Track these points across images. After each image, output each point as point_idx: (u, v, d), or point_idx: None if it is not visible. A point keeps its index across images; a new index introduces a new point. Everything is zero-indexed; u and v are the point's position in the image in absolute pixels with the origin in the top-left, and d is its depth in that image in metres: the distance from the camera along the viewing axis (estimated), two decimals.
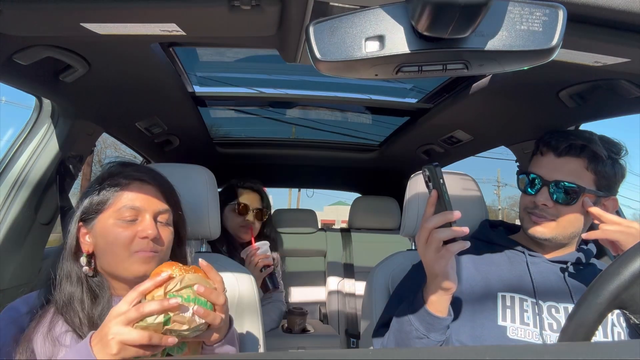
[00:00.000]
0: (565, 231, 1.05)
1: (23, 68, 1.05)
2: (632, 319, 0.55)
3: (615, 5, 0.67)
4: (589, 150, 1.02)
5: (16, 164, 1.36)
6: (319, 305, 2.53)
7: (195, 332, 0.74)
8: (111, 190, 0.89)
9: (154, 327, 0.69)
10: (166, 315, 0.70)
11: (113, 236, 0.86)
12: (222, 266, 1.21)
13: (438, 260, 0.86)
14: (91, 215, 0.89)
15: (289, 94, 1.92)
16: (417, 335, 0.93)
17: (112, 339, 0.67)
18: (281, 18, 0.82)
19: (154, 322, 0.68)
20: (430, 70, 0.61)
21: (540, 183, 1.05)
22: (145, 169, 0.96)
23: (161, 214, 0.91)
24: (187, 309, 0.72)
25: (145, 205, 0.89)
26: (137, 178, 0.91)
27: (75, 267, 0.89)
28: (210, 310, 0.75)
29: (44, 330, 0.84)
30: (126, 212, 0.87)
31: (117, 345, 0.67)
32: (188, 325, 0.71)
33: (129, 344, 0.67)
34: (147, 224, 0.87)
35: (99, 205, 0.88)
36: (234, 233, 1.99)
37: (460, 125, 1.78)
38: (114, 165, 0.95)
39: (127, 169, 0.93)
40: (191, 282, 0.76)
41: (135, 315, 0.68)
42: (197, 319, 0.73)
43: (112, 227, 0.86)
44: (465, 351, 0.39)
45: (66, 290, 0.86)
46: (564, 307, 1.02)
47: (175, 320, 0.70)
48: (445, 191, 0.84)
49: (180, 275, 0.76)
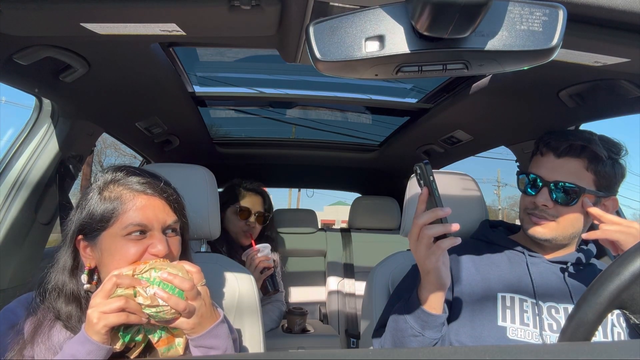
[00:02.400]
0: (565, 232, 1.05)
1: (23, 68, 1.05)
2: (632, 319, 0.55)
3: (615, 5, 0.67)
4: (589, 151, 1.02)
5: (16, 164, 1.36)
6: (319, 305, 2.53)
7: (162, 315, 0.78)
8: (115, 204, 0.84)
9: (124, 295, 0.76)
10: (134, 289, 0.76)
11: (121, 253, 0.83)
12: (222, 266, 1.21)
13: (429, 257, 0.87)
14: (95, 231, 0.84)
15: (289, 94, 1.92)
16: (412, 333, 0.93)
17: (92, 311, 0.74)
18: (281, 18, 0.82)
19: (123, 292, 0.76)
20: (430, 70, 0.61)
21: (540, 183, 1.05)
22: (149, 177, 0.90)
23: (169, 226, 0.88)
24: (151, 289, 0.77)
25: (153, 221, 0.85)
26: (143, 191, 0.86)
27: (71, 283, 0.85)
28: (173, 295, 0.77)
29: (44, 336, 0.83)
30: (134, 228, 0.83)
31: (97, 315, 0.74)
32: (150, 302, 0.76)
33: (107, 312, 0.74)
34: (157, 241, 0.84)
35: (103, 222, 0.84)
36: (235, 235, 1.98)
37: (460, 125, 1.78)
38: (114, 172, 0.90)
39: (130, 180, 0.88)
40: (160, 267, 0.79)
41: (109, 285, 0.75)
42: (159, 300, 0.76)
43: (121, 245, 0.83)
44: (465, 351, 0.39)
45: (63, 306, 0.84)
46: (563, 308, 1.02)
47: (140, 294, 0.76)
48: (436, 188, 0.85)
49: (155, 261, 0.81)
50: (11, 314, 0.85)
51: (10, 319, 0.84)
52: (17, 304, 0.88)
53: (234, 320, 1.14)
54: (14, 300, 0.89)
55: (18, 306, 0.87)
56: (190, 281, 0.80)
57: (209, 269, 1.18)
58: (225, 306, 1.14)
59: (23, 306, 0.86)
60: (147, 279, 0.77)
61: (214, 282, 1.16)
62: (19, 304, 0.87)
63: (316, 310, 2.50)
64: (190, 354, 0.84)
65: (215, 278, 1.17)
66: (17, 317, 0.84)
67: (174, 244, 0.89)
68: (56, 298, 0.85)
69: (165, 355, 0.83)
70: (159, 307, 0.76)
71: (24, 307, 0.86)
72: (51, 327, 0.84)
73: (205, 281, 0.85)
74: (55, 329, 0.84)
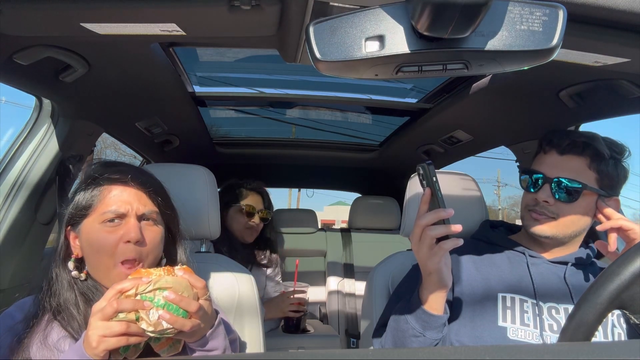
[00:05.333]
0: (566, 229, 1.05)
1: (23, 68, 1.05)
2: (632, 319, 0.55)
3: (615, 5, 0.67)
4: (592, 149, 1.02)
5: (16, 164, 1.36)
6: (319, 305, 2.53)
7: (165, 335, 0.75)
8: (95, 193, 0.88)
9: (126, 320, 0.73)
10: (136, 313, 0.73)
11: (98, 242, 0.85)
12: (222, 266, 1.21)
13: (431, 258, 0.87)
14: (77, 219, 0.88)
15: (289, 94, 1.92)
16: (414, 334, 0.93)
17: (92, 333, 0.72)
18: (281, 18, 0.82)
19: (125, 317, 0.72)
20: (430, 70, 0.62)
21: (542, 180, 1.05)
22: (127, 169, 0.93)
23: (146, 214, 0.89)
24: (155, 312, 0.73)
25: (128, 208, 0.87)
26: (118, 180, 0.89)
27: (63, 272, 0.88)
28: (179, 317, 0.74)
29: (40, 337, 0.83)
30: (109, 215, 0.86)
31: (97, 338, 0.71)
32: (154, 328, 0.73)
33: (107, 336, 0.72)
34: (130, 227, 0.86)
35: (84, 210, 0.87)
36: (239, 235, 1.99)
37: (460, 125, 1.78)
38: (97, 165, 0.93)
39: (108, 170, 0.91)
40: (165, 286, 0.75)
41: (109, 310, 0.72)
42: (163, 323, 0.73)
43: (97, 232, 0.86)
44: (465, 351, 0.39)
45: (60, 295, 0.86)
46: (564, 308, 1.02)
47: (142, 319, 0.73)
48: (439, 189, 0.85)
49: (159, 276, 0.76)
50: (9, 318, 0.86)
51: (8, 322, 0.85)
52: (15, 307, 0.89)
53: (234, 320, 1.14)
54: (13, 304, 0.90)
55: (16, 310, 0.88)
56: (197, 302, 0.78)
57: (209, 269, 1.18)
58: (225, 306, 1.14)
59: (20, 309, 0.87)
60: (150, 300, 0.74)
61: (214, 282, 1.16)
62: (17, 308, 0.88)
63: (316, 310, 2.50)
64: (189, 353, 0.84)
65: (215, 278, 1.17)
66: (14, 320, 0.85)
67: (151, 234, 0.89)
68: (54, 290, 0.87)
69: (165, 354, 0.83)
70: (163, 328, 0.74)
71: (21, 310, 0.87)
72: (47, 327, 0.85)
73: (209, 293, 0.83)
74: (51, 329, 0.85)
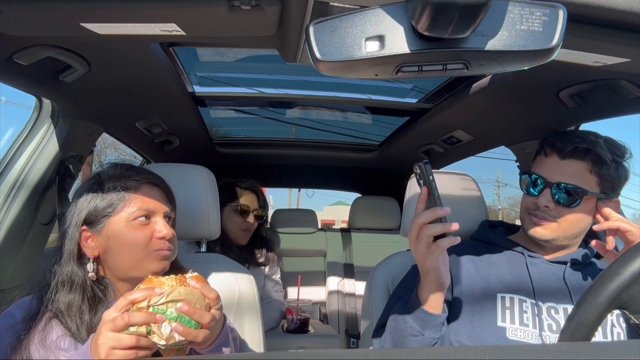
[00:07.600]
0: (566, 233, 1.05)
1: (23, 68, 1.05)
2: (632, 319, 0.55)
3: (615, 5, 0.67)
4: (594, 154, 1.01)
5: (16, 164, 1.36)
6: (319, 305, 2.53)
7: (177, 346, 0.74)
8: (120, 194, 0.90)
9: (137, 334, 0.72)
10: (148, 327, 0.72)
11: (130, 238, 0.88)
12: (222, 266, 1.21)
13: (429, 256, 0.88)
14: (100, 219, 0.89)
15: (289, 94, 1.92)
16: (412, 333, 0.93)
17: (102, 344, 0.71)
18: (281, 18, 0.82)
19: (136, 331, 0.72)
20: (430, 70, 0.62)
21: (542, 184, 1.04)
22: (148, 172, 0.98)
23: (168, 215, 0.95)
24: (167, 325, 0.72)
25: (157, 207, 0.93)
26: (146, 181, 0.94)
27: (80, 271, 0.88)
28: (191, 329, 0.74)
29: (40, 336, 0.83)
30: (140, 213, 0.90)
31: (106, 350, 0.71)
32: (166, 342, 0.72)
33: (117, 348, 0.71)
34: (162, 225, 0.91)
35: (107, 209, 0.89)
36: (232, 236, 1.98)
37: (460, 125, 1.78)
38: (115, 167, 0.95)
39: (132, 172, 0.95)
40: (178, 297, 0.74)
41: (121, 324, 0.71)
42: (176, 336, 0.73)
43: (127, 229, 0.89)
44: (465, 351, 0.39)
45: (64, 296, 0.86)
46: (563, 308, 1.02)
47: (154, 332, 0.72)
48: (435, 187, 0.86)
49: (171, 287, 0.75)
50: (10, 317, 0.87)
51: (8, 321, 0.85)
52: (15, 306, 0.89)
53: (234, 320, 1.14)
54: (13, 304, 0.90)
55: (16, 309, 0.88)
56: (209, 313, 0.77)
57: (209, 269, 1.18)
58: (225, 306, 1.13)
59: (21, 308, 0.88)
60: (162, 312, 0.73)
61: (214, 282, 1.16)
62: (17, 307, 0.89)
63: (316, 310, 2.50)
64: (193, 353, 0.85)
65: (215, 278, 1.17)
66: (14, 319, 0.86)
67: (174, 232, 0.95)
68: (58, 290, 0.87)
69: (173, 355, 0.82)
70: (175, 341, 0.73)
71: (21, 309, 0.87)
72: (46, 326, 0.85)
73: (221, 303, 0.82)
74: (51, 328, 0.85)
